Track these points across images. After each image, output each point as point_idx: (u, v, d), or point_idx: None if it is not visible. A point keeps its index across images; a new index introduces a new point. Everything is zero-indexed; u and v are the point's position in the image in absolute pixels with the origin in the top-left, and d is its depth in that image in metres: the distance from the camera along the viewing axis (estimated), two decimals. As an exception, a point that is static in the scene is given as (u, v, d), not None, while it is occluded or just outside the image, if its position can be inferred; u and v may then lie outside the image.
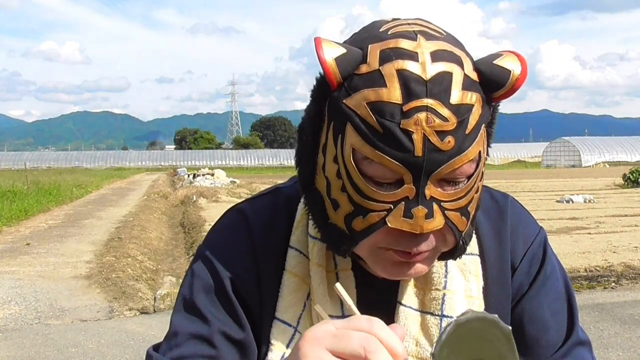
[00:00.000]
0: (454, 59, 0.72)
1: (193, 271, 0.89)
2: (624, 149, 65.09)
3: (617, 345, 4.65)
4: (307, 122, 0.80)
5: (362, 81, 0.71)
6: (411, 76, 0.69)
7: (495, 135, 0.79)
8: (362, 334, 0.61)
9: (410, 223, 0.72)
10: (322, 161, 0.77)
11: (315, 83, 0.78)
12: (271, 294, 0.87)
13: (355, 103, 0.71)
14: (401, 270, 0.78)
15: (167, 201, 18.22)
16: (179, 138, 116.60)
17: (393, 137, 0.69)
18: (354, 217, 0.75)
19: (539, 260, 0.91)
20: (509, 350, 0.62)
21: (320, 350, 0.61)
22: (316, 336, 0.62)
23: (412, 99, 0.69)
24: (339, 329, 0.62)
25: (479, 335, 0.61)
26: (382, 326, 0.62)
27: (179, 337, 0.85)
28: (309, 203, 0.82)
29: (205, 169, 34.44)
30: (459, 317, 0.61)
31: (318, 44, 0.72)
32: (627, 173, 21.64)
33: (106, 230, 11.42)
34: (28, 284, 6.96)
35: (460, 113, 0.70)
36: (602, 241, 8.51)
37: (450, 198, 0.73)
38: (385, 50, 0.72)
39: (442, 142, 0.69)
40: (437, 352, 0.61)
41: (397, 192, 0.71)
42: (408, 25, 0.75)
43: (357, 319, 0.63)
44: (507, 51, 0.76)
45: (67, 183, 25.68)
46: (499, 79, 0.73)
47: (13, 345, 4.89)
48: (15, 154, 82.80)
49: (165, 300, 5.97)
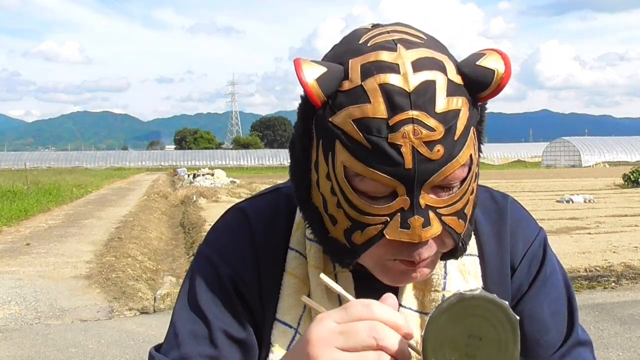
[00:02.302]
0: (436, 66, 0.71)
1: (194, 270, 0.89)
2: (624, 149, 65.07)
3: (617, 345, 4.65)
4: (296, 139, 0.80)
5: (346, 98, 0.71)
6: (394, 89, 0.69)
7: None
8: (366, 323, 0.61)
9: (408, 233, 0.72)
10: (316, 178, 0.77)
11: (300, 101, 0.77)
12: (272, 295, 0.87)
13: (341, 121, 0.71)
14: (406, 276, 0.78)
15: (167, 201, 18.22)
16: (179, 138, 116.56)
17: (382, 153, 0.69)
18: (353, 232, 0.75)
19: (538, 261, 0.91)
20: (511, 339, 0.62)
21: (331, 351, 0.61)
22: (322, 337, 0.62)
23: (397, 112, 0.68)
24: (342, 324, 0.62)
25: (482, 315, 0.61)
26: (379, 306, 0.62)
27: (180, 337, 0.84)
28: (307, 218, 0.82)
29: (205, 169, 34.44)
30: (465, 291, 0.61)
31: (298, 66, 0.72)
32: (627, 173, 21.64)
33: (106, 230, 11.42)
34: (28, 284, 6.96)
35: (447, 120, 0.69)
36: (602, 241, 8.50)
37: (446, 204, 0.73)
38: (366, 65, 0.71)
39: (432, 152, 0.69)
40: (434, 317, 0.61)
41: (391, 204, 0.71)
42: (387, 33, 0.74)
43: (354, 307, 0.63)
44: (489, 49, 0.75)
45: (67, 183, 25.67)
46: (483, 79, 0.72)
47: (13, 345, 4.89)
48: (15, 154, 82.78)
49: (165, 300, 5.97)
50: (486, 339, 0.61)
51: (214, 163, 66.82)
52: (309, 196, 0.81)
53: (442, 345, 0.61)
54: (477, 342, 0.61)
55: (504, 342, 0.61)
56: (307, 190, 0.80)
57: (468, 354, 0.61)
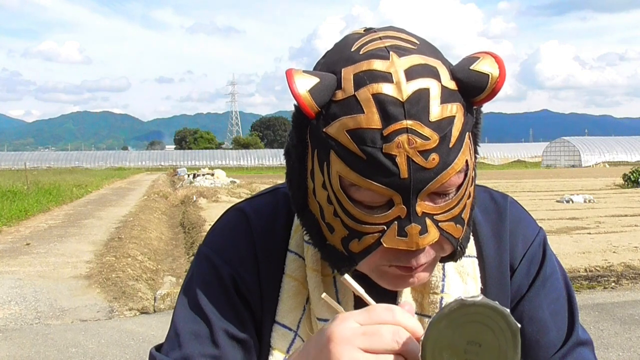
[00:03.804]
0: (429, 73, 0.70)
1: (194, 271, 0.89)
2: (624, 149, 65.10)
3: (617, 345, 4.65)
4: (291, 148, 0.80)
5: (339, 108, 0.70)
6: (387, 99, 0.68)
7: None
8: (390, 327, 0.62)
9: (405, 241, 0.72)
10: (312, 186, 0.77)
11: (294, 111, 0.77)
12: (271, 297, 0.87)
13: (335, 131, 0.70)
14: (404, 281, 0.78)
15: (167, 201, 18.21)
16: (179, 138, 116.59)
17: (377, 163, 0.68)
18: (350, 240, 0.75)
19: (538, 261, 0.91)
20: (511, 347, 0.61)
21: (353, 350, 0.61)
22: (345, 336, 0.62)
23: (390, 122, 0.68)
24: (366, 326, 0.62)
25: (482, 321, 0.61)
26: (402, 313, 0.63)
27: (181, 337, 0.84)
28: (305, 225, 0.82)
29: (205, 169, 34.44)
30: (466, 297, 0.61)
31: (290, 77, 0.71)
32: (627, 173, 21.63)
33: (106, 230, 11.42)
34: (28, 284, 6.96)
35: (441, 128, 0.69)
36: (602, 241, 8.50)
37: (442, 210, 0.73)
38: (358, 74, 0.70)
39: (427, 161, 0.68)
40: (434, 321, 0.61)
41: (388, 213, 0.71)
42: (380, 40, 0.74)
43: (376, 311, 0.64)
44: (483, 52, 0.74)
45: (67, 183, 25.67)
46: (477, 84, 0.72)
47: (13, 345, 4.89)
48: (15, 154, 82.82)
49: (165, 300, 5.97)
50: (486, 346, 0.61)
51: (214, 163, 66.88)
52: (306, 204, 0.80)
53: (442, 350, 0.61)
54: (476, 349, 0.61)
55: (503, 349, 0.61)
56: (304, 198, 0.80)
57: (467, 359, 0.61)
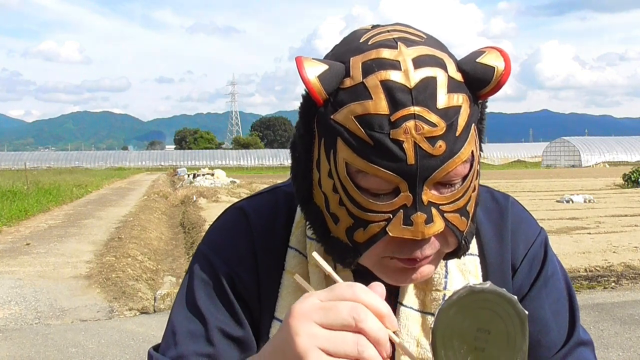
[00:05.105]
0: (436, 63, 0.72)
1: (192, 269, 0.89)
2: (624, 149, 65.13)
3: (617, 345, 4.65)
4: (298, 139, 0.80)
5: (348, 95, 0.71)
6: (395, 85, 0.69)
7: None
8: (348, 303, 0.61)
9: (411, 230, 0.72)
10: (318, 177, 0.78)
11: (302, 100, 0.78)
12: (271, 294, 0.87)
13: (343, 118, 0.71)
14: (407, 276, 0.78)
15: (167, 201, 18.22)
16: (179, 138, 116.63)
17: (384, 149, 0.69)
18: (355, 230, 0.75)
19: (539, 261, 0.91)
20: (520, 333, 0.61)
21: (310, 325, 0.61)
22: (303, 311, 0.62)
23: (398, 108, 0.69)
24: (325, 301, 0.62)
25: (491, 308, 0.61)
26: (364, 290, 0.62)
27: (177, 336, 0.85)
28: (309, 218, 0.82)
29: (205, 169, 34.45)
30: (475, 284, 0.61)
31: (299, 64, 0.72)
32: (628, 173, 21.64)
33: (106, 230, 11.43)
34: (28, 284, 6.96)
35: (448, 116, 0.70)
36: (602, 241, 8.51)
37: (448, 200, 0.73)
38: (367, 62, 0.72)
39: (434, 148, 0.69)
40: (444, 308, 0.61)
41: (394, 201, 0.72)
42: (387, 32, 0.75)
43: (339, 288, 0.63)
44: (489, 47, 0.76)
45: (67, 183, 25.68)
46: (483, 76, 0.73)
47: (13, 345, 4.89)
48: (15, 154, 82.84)
49: (165, 300, 5.97)
50: (495, 333, 0.61)
51: (214, 163, 66.91)
52: (311, 196, 0.81)
53: (452, 337, 0.61)
54: (486, 335, 0.61)
55: (512, 335, 0.61)
56: (308, 190, 0.80)
57: (477, 347, 0.61)
